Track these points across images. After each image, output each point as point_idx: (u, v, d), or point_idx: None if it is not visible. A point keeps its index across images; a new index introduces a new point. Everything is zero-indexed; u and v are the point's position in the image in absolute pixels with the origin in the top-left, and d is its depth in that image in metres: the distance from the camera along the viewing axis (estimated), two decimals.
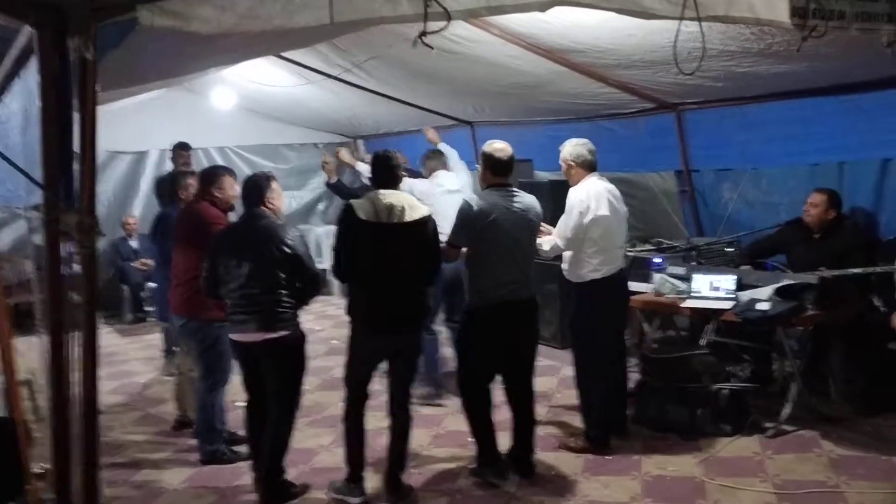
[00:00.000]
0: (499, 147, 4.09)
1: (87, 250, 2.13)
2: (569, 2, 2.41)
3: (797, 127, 5.37)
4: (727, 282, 4.84)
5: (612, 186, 4.45)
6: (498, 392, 4.24)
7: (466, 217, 4.00)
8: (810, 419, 4.62)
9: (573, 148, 4.44)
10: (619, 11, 2.52)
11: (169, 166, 7.59)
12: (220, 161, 9.30)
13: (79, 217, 2.09)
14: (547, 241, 4.46)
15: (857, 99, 4.91)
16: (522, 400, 4.23)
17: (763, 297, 4.56)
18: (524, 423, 4.23)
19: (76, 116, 2.11)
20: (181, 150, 7.24)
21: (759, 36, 3.86)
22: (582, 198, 4.31)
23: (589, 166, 4.42)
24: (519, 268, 4.05)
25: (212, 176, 4.54)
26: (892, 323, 4.61)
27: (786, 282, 4.65)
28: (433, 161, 5.85)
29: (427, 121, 8.33)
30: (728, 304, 4.72)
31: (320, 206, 10.76)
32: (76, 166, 2.20)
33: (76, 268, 2.18)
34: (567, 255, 4.45)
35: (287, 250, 3.81)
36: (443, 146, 6.26)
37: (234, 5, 2.05)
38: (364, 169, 6.26)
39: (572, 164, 4.43)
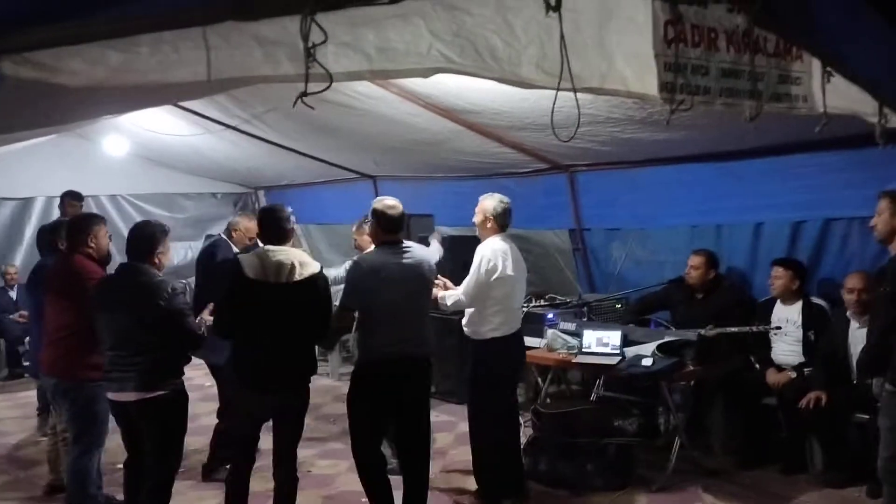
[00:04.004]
0: (390, 204, 4.03)
1: None
2: (450, 70, 2.47)
3: (679, 190, 5.66)
4: (614, 338, 4.96)
5: (514, 246, 4.49)
6: None
7: (356, 278, 3.92)
8: (693, 472, 4.77)
9: (497, 204, 4.42)
10: (500, 80, 2.61)
11: (56, 214, 7.22)
12: (111, 210, 8.98)
13: None
14: (451, 295, 4.45)
15: (732, 165, 5.23)
16: (415, 463, 4.11)
17: (647, 353, 4.72)
18: (415, 486, 4.10)
19: None
20: (72, 199, 6.75)
21: (641, 105, 4.01)
22: (489, 257, 4.32)
23: (502, 226, 4.45)
24: (411, 325, 3.98)
25: (86, 226, 4.22)
26: (766, 379, 4.88)
27: (668, 338, 4.84)
28: None
29: (329, 173, 8.33)
30: (615, 360, 4.84)
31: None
32: None
33: None
34: (468, 311, 4.46)
35: (162, 312, 3.66)
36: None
37: (107, 59, 1.99)
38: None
39: (490, 217, 4.41)
